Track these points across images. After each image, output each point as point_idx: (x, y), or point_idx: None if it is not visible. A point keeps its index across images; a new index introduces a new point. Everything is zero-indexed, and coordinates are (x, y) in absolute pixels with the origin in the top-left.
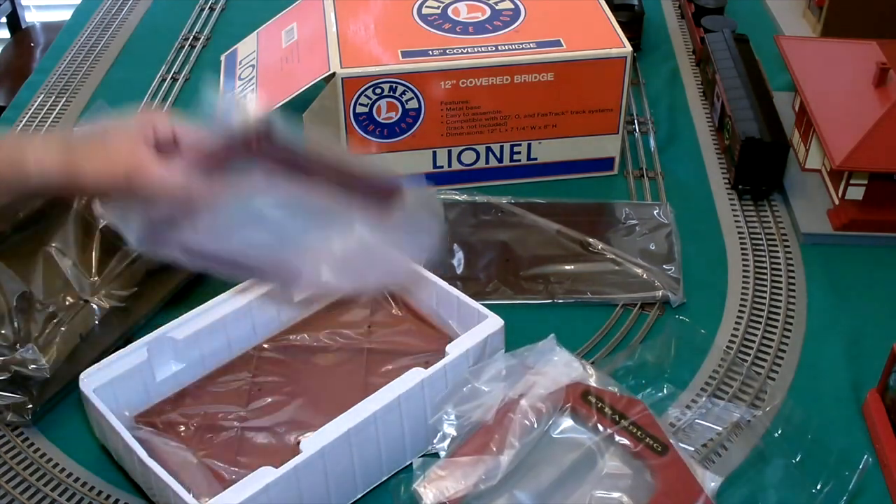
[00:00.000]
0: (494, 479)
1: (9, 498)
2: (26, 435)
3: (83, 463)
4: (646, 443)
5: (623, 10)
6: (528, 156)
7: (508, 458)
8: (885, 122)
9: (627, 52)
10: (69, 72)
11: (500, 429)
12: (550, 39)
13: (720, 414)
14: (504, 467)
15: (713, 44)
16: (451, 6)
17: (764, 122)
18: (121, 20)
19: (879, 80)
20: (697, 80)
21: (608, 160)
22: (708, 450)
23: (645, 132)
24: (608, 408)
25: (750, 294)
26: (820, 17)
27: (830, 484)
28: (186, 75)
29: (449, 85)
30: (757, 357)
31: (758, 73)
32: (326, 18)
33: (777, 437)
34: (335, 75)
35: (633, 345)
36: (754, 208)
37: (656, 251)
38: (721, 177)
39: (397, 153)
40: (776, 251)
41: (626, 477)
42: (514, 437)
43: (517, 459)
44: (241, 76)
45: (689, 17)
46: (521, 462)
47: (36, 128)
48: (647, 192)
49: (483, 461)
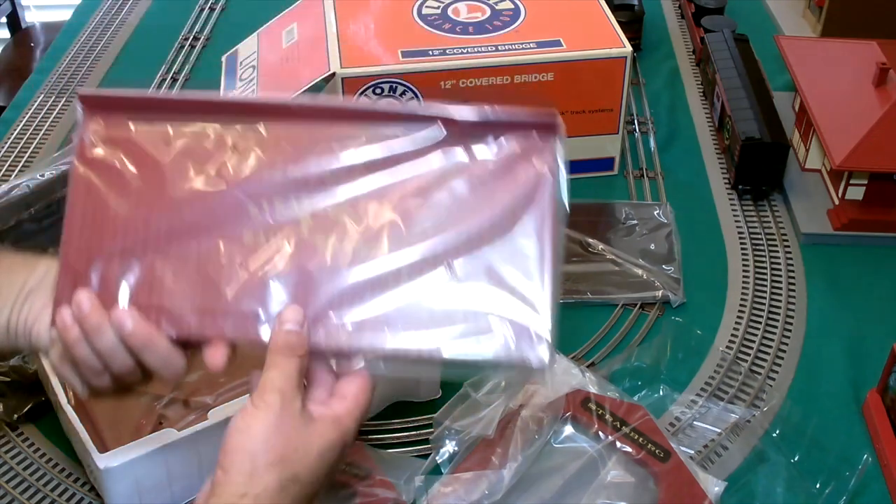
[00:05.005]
0: (498, 493)
1: (8, 497)
2: (26, 434)
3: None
4: (648, 449)
5: (623, 10)
6: None
7: (511, 472)
8: (885, 122)
9: (627, 52)
10: (69, 72)
11: (501, 441)
12: (550, 39)
13: (720, 415)
14: (507, 481)
15: (713, 44)
16: (451, 6)
17: (764, 122)
18: (121, 20)
19: (879, 80)
20: (697, 80)
21: (608, 160)
22: (708, 450)
23: (645, 132)
24: (609, 414)
25: (750, 294)
26: (820, 17)
27: (830, 484)
28: (186, 75)
29: (449, 85)
30: (757, 357)
31: (758, 73)
32: (326, 18)
33: (776, 438)
34: (335, 75)
35: (631, 347)
36: (754, 208)
37: (656, 251)
38: (721, 177)
39: None
40: (776, 251)
41: (630, 485)
42: (515, 449)
43: (520, 472)
44: (242, 77)
45: (689, 17)
46: (524, 474)
47: (36, 128)
48: (647, 192)
49: (486, 475)
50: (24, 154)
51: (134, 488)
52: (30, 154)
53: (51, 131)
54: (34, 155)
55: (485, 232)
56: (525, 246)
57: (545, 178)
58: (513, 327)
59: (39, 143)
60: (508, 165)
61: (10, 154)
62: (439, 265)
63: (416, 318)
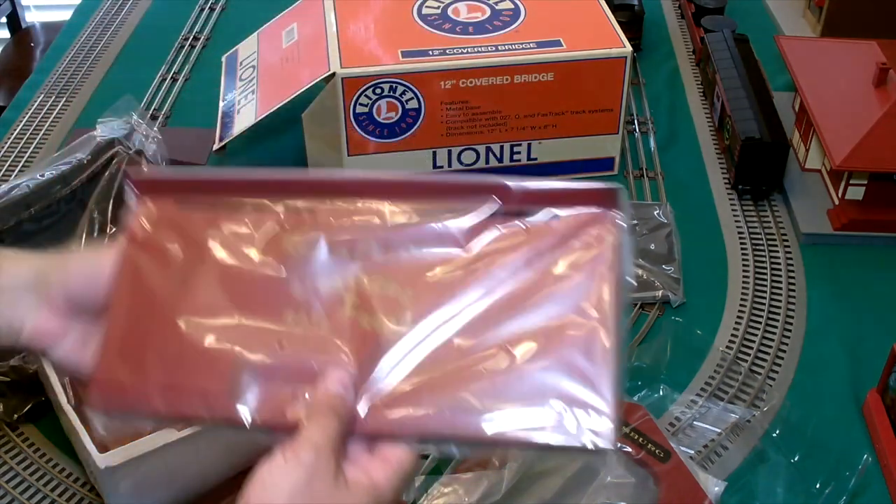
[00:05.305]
0: (498, 493)
1: (8, 497)
2: (26, 434)
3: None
4: (648, 449)
5: (623, 10)
6: (528, 156)
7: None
8: (884, 122)
9: (627, 52)
10: (69, 72)
11: None
12: (550, 39)
13: (720, 415)
14: (507, 481)
15: (713, 44)
16: (451, 6)
17: (764, 122)
18: (121, 20)
19: (879, 80)
20: (697, 80)
21: (608, 160)
22: (708, 450)
23: (645, 132)
24: None
25: (750, 294)
26: (820, 17)
27: (830, 484)
28: (186, 75)
29: (449, 85)
30: (757, 357)
31: (758, 73)
32: (326, 18)
33: (776, 438)
34: (335, 75)
35: (631, 347)
36: (754, 208)
37: (656, 251)
38: (721, 177)
39: (397, 153)
40: (776, 251)
41: (630, 485)
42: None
43: (520, 471)
44: (242, 77)
45: (689, 17)
46: (524, 474)
47: (36, 128)
48: (647, 192)
49: (486, 475)
50: (24, 154)
51: (134, 488)
52: (30, 154)
53: (51, 131)
54: (34, 155)
55: (541, 308)
56: (585, 323)
57: (606, 251)
58: (573, 408)
59: (39, 143)
60: (567, 239)
61: (10, 154)
62: (493, 343)
63: (467, 401)
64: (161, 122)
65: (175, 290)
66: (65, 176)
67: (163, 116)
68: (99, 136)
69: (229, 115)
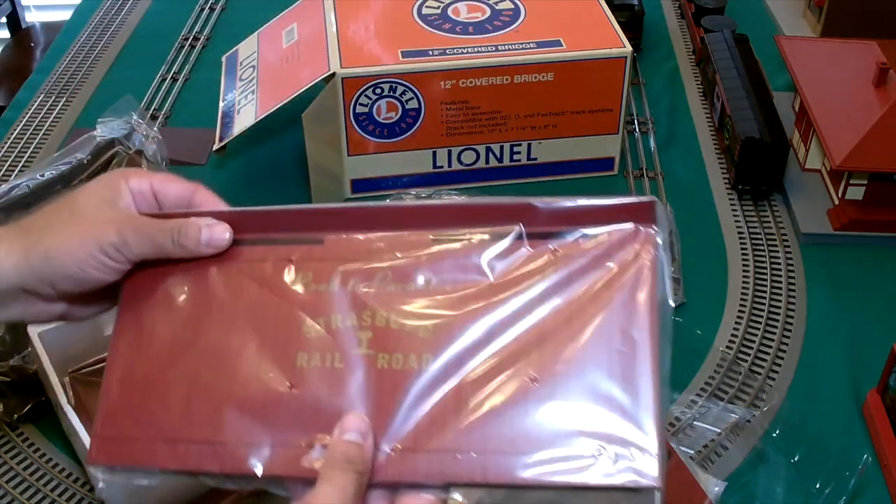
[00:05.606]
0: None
1: (8, 497)
2: (26, 434)
3: (82, 462)
4: None
5: (623, 10)
6: (528, 156)
7: None
8: (885, 122)
9: (627, 52)
10: (69, 72)
11: None
12: (550, 39)
13: (719, 415)
14: None
15: (713, 44)
16: (451, 6)
17: (764, 122)
18: (121, 20)
19: (879, 80)
20: (697, 80)
21: (608, 160)
22: (708, 450)
23: (645, 132)
24: None
25: (750, 294)
26: (820, 17)
27: (830, 484)
28: (186, 75)
29: (449, 85)
30: (757, 357)
31: (758, 73)
32: (326, 18)
33: (776, 437)
34: (335, 75)
35: None
36: (754, 208)
37: None
38: (721, 177)
39: (397, 153)
40: (776, 251)
41: None
42: None
43: None
44: (242, 77)
45: (689, 17)
46: None
47: (36, 128)
48: (647, 193)
49: None
50: (24, 154)
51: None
52: (30, 154)
53: (51, 131)
54: (34, 155)
55: (574, 338)
56: (622, 351)
57: (643, 272)
58: (613, 446)
59: (39, 143)
60: (599, 260)
61: (10, 154)
62: (524, 378)
63: (497, 441)
64: (161, 122)
65: (179, 335)
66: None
67: (163, 116)
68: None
69: (229, 115)
